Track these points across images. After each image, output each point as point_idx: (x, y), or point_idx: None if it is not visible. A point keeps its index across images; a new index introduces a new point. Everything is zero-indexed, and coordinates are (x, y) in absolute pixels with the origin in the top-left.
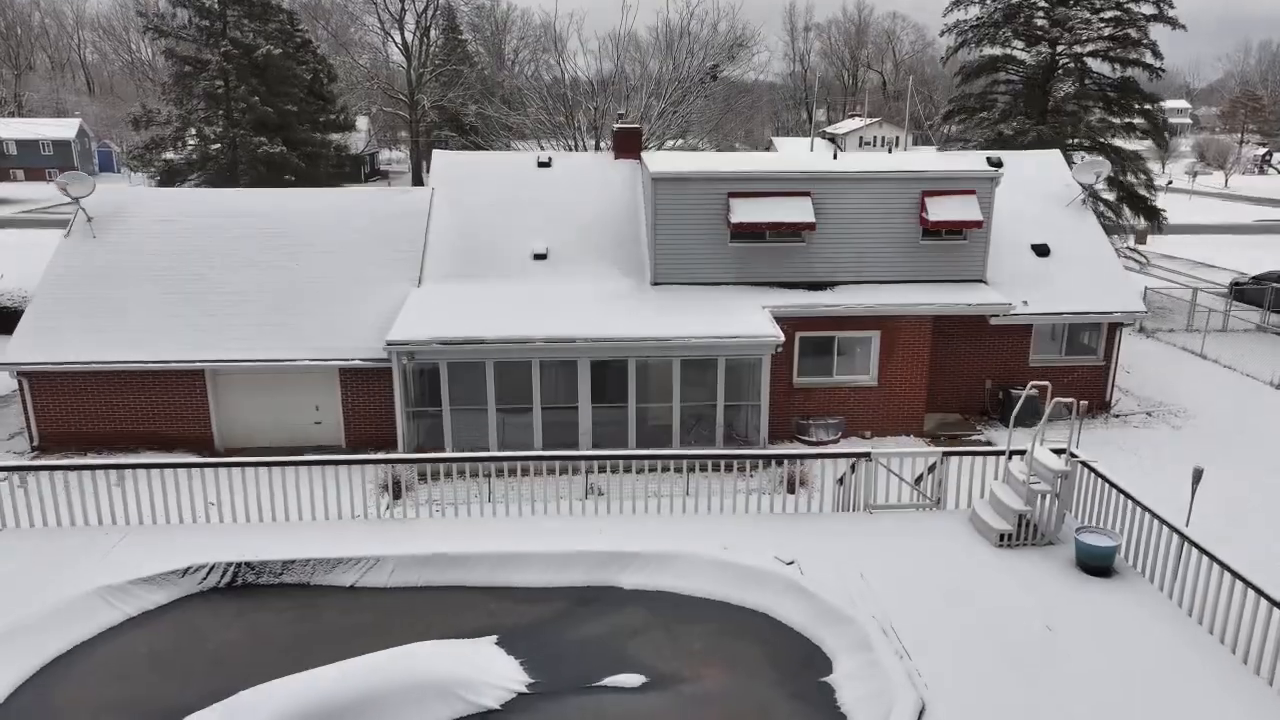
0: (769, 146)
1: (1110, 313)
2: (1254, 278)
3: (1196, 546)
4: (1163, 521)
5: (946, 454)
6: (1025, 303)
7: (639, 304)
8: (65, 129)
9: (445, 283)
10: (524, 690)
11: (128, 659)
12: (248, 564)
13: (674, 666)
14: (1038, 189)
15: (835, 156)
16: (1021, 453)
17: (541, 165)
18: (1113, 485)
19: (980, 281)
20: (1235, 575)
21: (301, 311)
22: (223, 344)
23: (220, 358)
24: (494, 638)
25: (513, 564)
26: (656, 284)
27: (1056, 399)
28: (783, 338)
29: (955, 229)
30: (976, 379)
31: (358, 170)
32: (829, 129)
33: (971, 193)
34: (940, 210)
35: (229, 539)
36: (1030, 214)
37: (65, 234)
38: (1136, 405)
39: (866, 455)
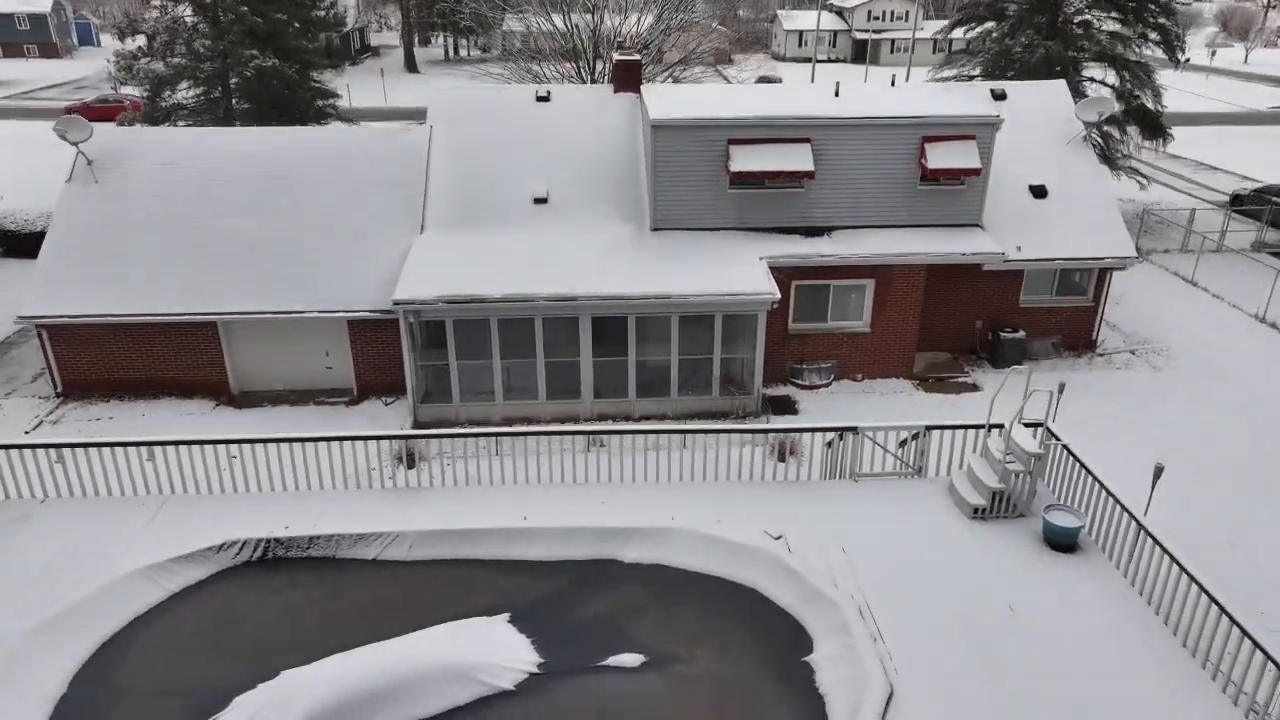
0: (773, 20)
1: (1101, 258)
2: (1255, 191)
3: (1149, 534)
4: (1122, 507)
5: (929, 428)
6: (1019, 248)
7: (638, 255)
8: (40, 2)
9: (447, 230)
10: (535, 670)
11: (175, 638)
12: (277, 540)
13: (670, 646)
14: (1040, 123)
15: (837, 93)
16: (1001, 426)
17: (540, 100)
18: (1082, 465)
19: (977, 225)
20: (1176, 563)
21: (308, 261)
22: (233, 296)
23: (231, 310)
24: (506, 615)
25: (521, 539)
26: (656, 229)
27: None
28: (779, 295)
29: (954, 176)
30: (968, 319)
31: (347, 48)
32: (835, 1)
33: (972, 138)
34: (940, 158)
35: (256, 510)
36: (1030, 150)
37: (67, 179)
38: (1122, 342)
39: (854, 429)
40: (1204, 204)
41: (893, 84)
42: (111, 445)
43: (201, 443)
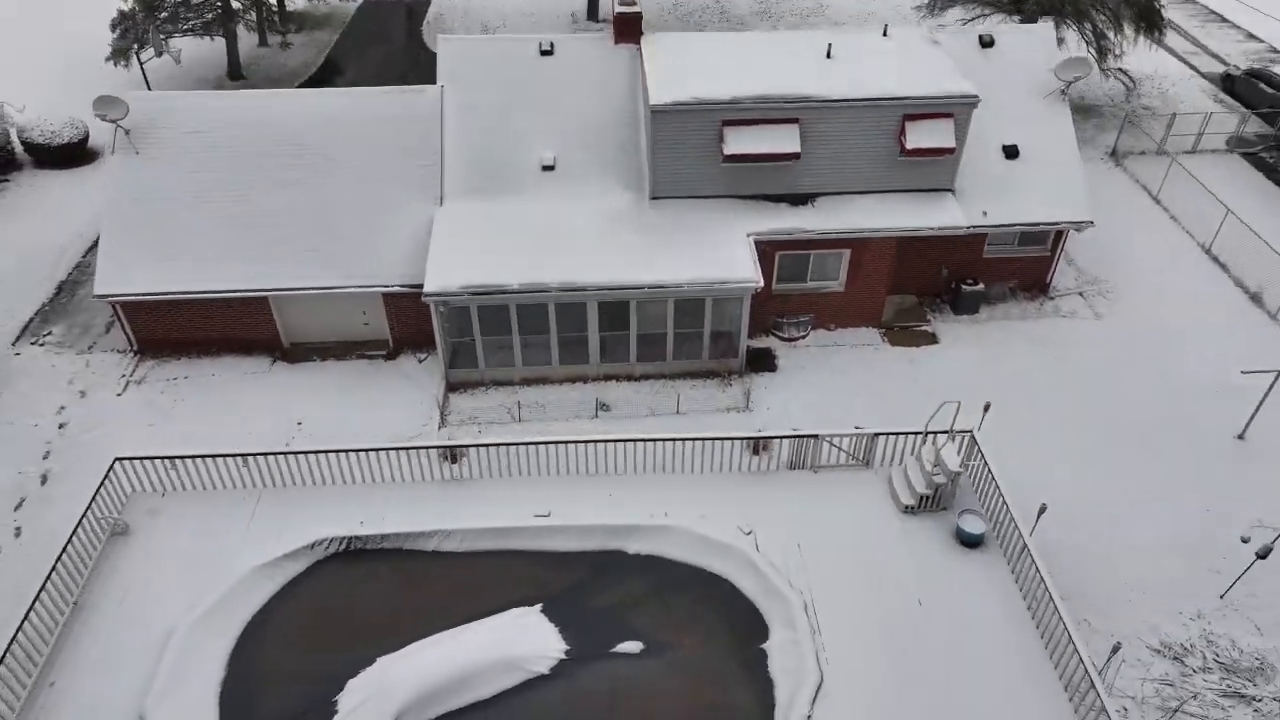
0: None
1: (1058, 223)
2: (1246, 73)
3: (1027, 546)
4: (1013, 519)
5: (876, 434)
6: (985, 213)
7: (639, 232)
8: None
9: (464, 200)
10: (563, 657)
11: (291, 627)
12: (357, 537)
13: (664, 635)
14: (1022, 75)
15: (829, 55)
16: (942, 432)
17: (544, 53)
18: (993, 476)
19: (949, 191)
20: (1039, 570)
21: (340, 235)
22: (277, 272)
23: (280, 286)
24: (539, 606)
25: (546, 535)
26: (655, 198)
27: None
28: (761, 283)
29: (931, 154)
30: (935, 265)
31: None
32: None
33: (950, 116)
34: (918, 138)
35: (334, 505)
36: (1009, 104)
37: (110, 151)
38: (1074, 281)
39: (815, 436)
40: (1196, 80)
41: (885, 34)
42: (215, 456)
43: (285, 453)
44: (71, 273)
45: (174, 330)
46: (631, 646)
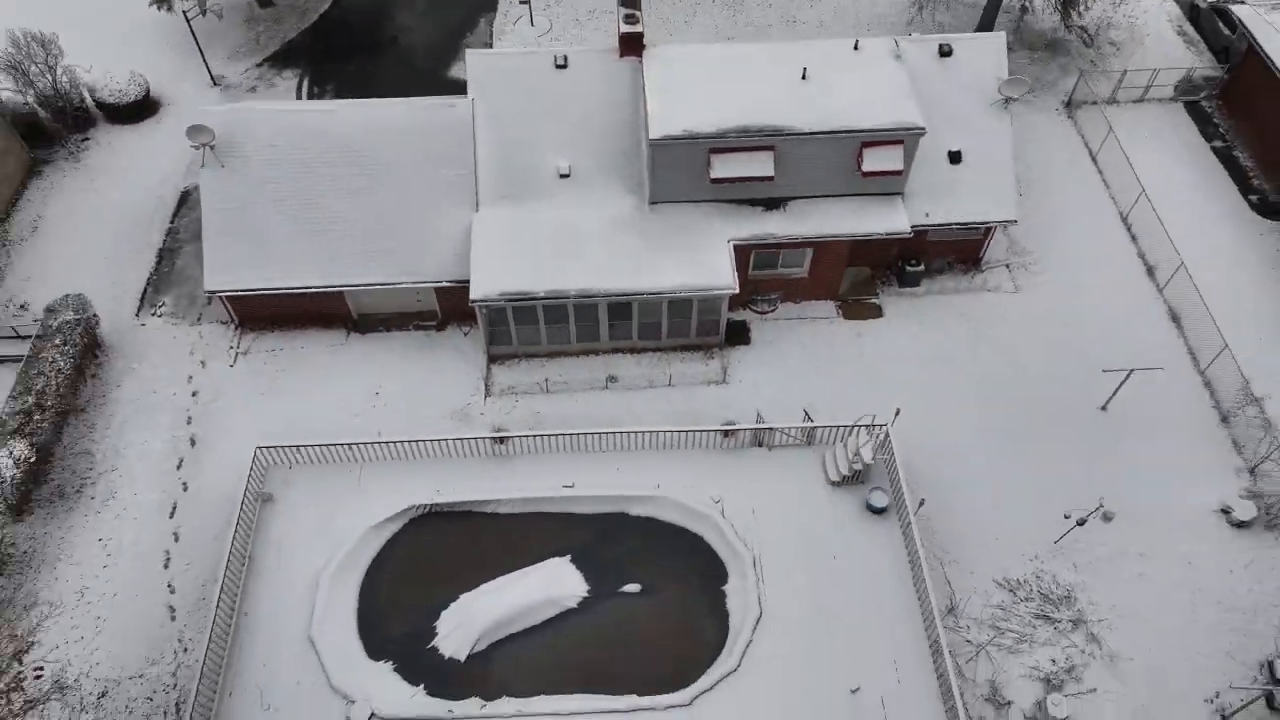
0: None
1: (989, 222)
2: (1211, 5)
3: (910, 523)
4: (907, 499)
5: (814, 428)
6: (927, 215)
7: (641, 237)
8: None
9: (496, 206)
10: (585, 595)
11: (398, 572)
12: (436, 504)
13: (655, 579)
14: (973, 83)
15: (804, 77)
16: (865, 426)
17: (559, 67)
18: (896, 466)
19: (899, 195)
20: (916, 543)
21: (396, 236)
22: (348, 269)
23: (351, 282)
24: (569, 556)
25: (571, 502)
26: (654, 203)
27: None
28: (737, 288)
29: (883, 175)
30: (887, 245)
31: None
32: None
33: (900, 143)
34: (873, 162)
35: (417, 475)
36: (958, 114)
37: (201, 165)
38: (1004, 251)
39: (766, 426)
40: (1168, 5)
41: (855, 48)
42: (325, 445)
43: (380, 442)
44: (165, 239)
45: (266, 309)
46: (633, 588)
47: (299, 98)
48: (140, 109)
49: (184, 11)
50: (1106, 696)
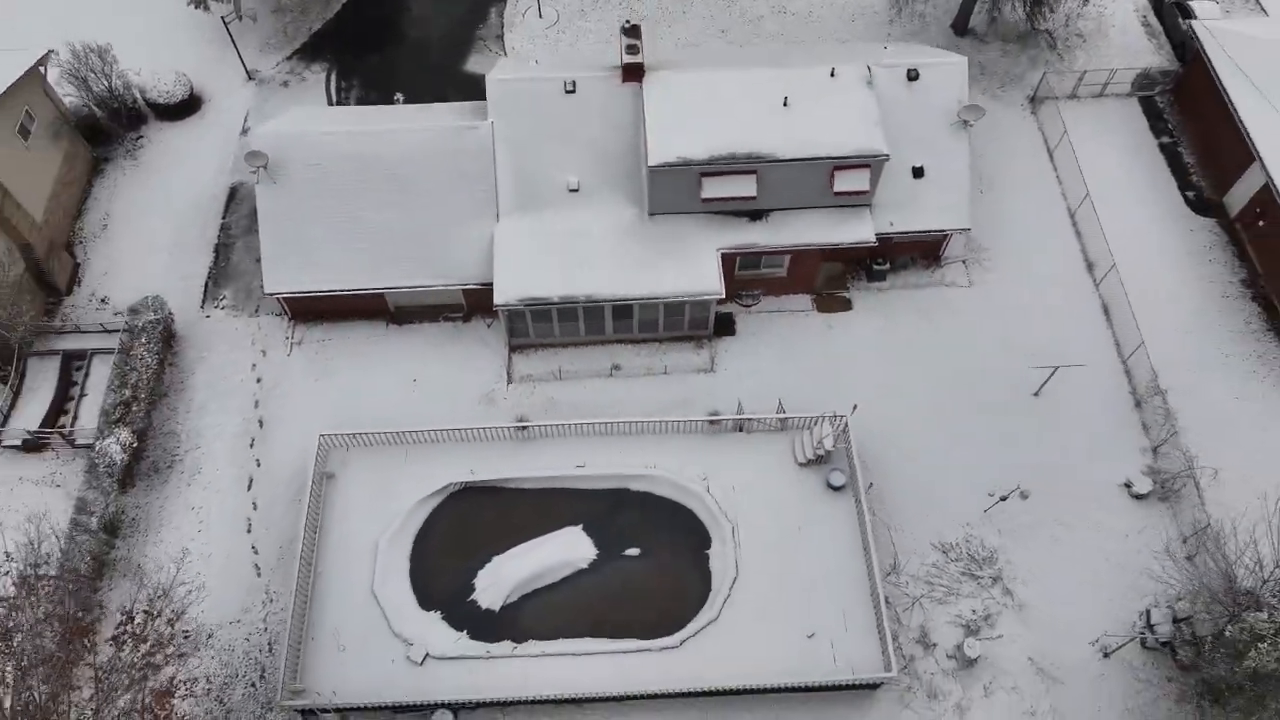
0: None
1: (945, 230)
2: None
3: (862, 499)
4: (857, 478)
5: (784, 419)
6: (891, 224)
7: (640, 245)
8: None
9: (514, 217)
10: (594, 557)
11: (441, 538)
12: (470, 482)
13: (652, 545)
14: (937, 104)
15: (785, 104)
16: (827, 417)
17: (568, 92)
18: (853, 451)
19: (867, 207)
20: (865, 513)
21: (428, 245)
22: (387, 273)
23: (390, 285)
24: (581, 525)
25: (582, 479)
26: (652, 214)
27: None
28: (724, 293)
29: (851, 195)
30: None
31: None
32: None
33: (867, 167)
34: (843, 183)
35: (452, 456)
36: (921, 132)
37: (257, 181)
38: (962, 248)
39: (746, 417)
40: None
41: (832, 75)
42: (376, 432)
43: (422, 430)
44: (220, 235)
45: (316, 305)
46: (633, 551)
47: (328, 92)
48: (186, 107)
49: (222, 18)
50: (1013, 640)
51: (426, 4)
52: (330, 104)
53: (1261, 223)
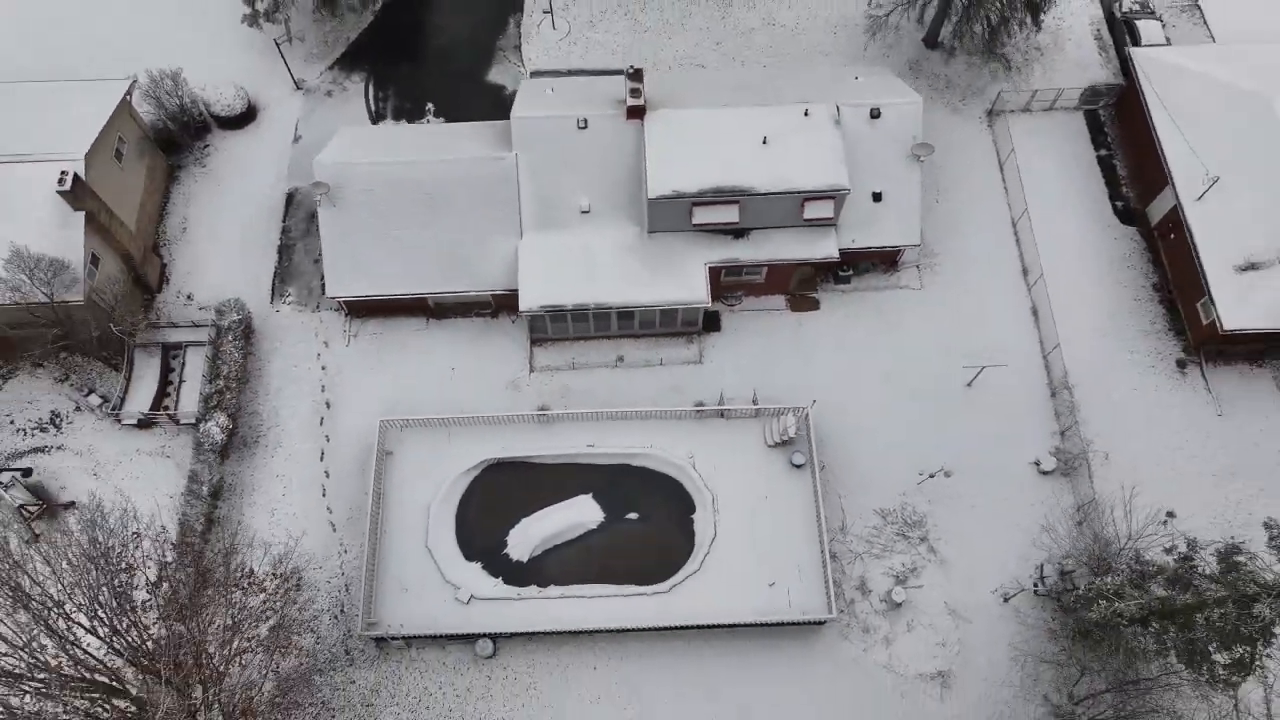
0: None
1: (899, 246)
2: (1124, 15)
3: (815, 476)
4: (813, 457)
5: (761, 411)
6: (854, 241)
7: (641, 260)
8: None
9: (535, 234)
10: (602, 519)
11: (479, 503)
12: (502, 458)
13: (648, 509)
14: (895, 139)
15: (765, 142)
16: (790, 410)
17: (581, 127)
18: (812, 436)
19: (833, 227)
20: (815, 484)
21: (462, 256)
22: (427, 281)
23: (432, 290)
24: (590, 494)
25: (592, 456)
26: (651, 233)
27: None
28: (710, 303)
29: (818, 220)
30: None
31: None
32: None
33: (832, 198)
34: (811, 211)
35: (486, 435)
36: (880, 163)
37: (319, 205)
38: (917, 252)
39: (726, 408)
40: (1092, 8)
41: (806, 114)
42: (423, 420)
43: (460, 417)
44: (281, 237)
45: (369, 304)
46: (633, 516)
47: (366, 101)
48: (244, 117)
49: (275, 40)
50: (932, 587)
51: (450, 15)
52: (369, 111)
53: (1172, 236)
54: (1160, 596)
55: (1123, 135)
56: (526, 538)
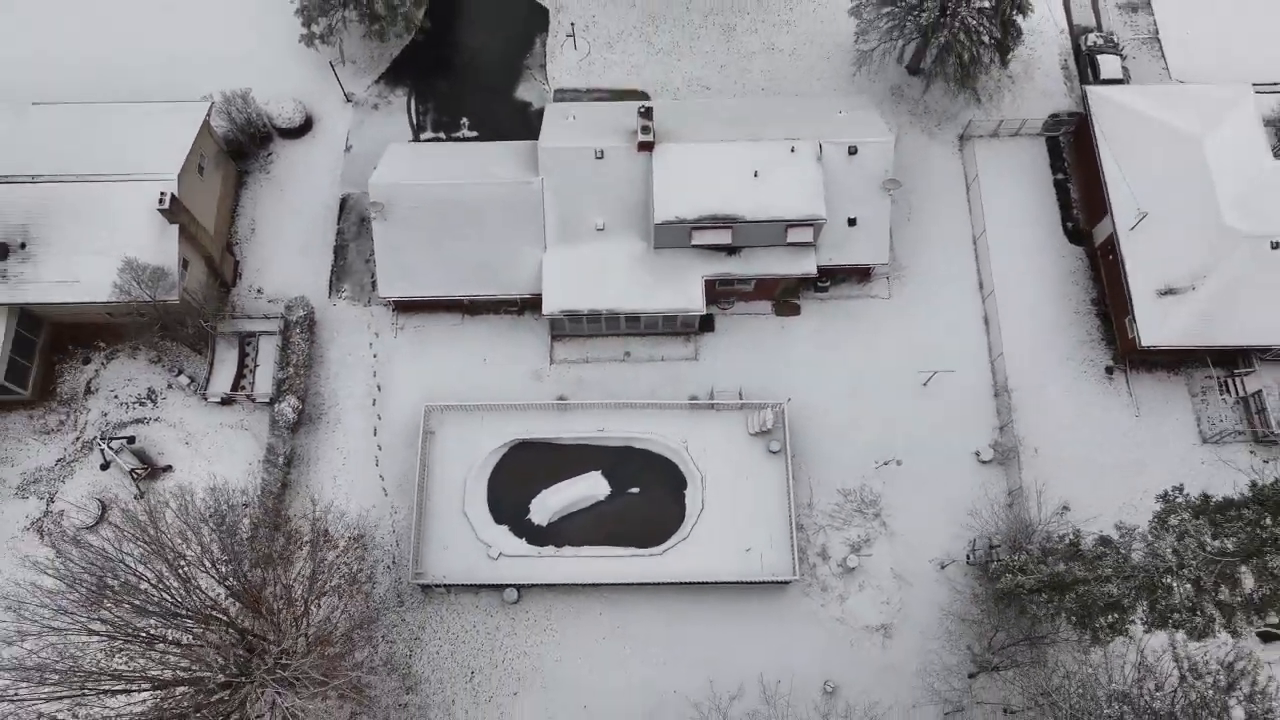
0: None
1: (870, 264)
2: (1089, 47)
3: (786, 460)
4: (788, 444)
5: (745, 405)
6: (830, 259)
7: (648, 272)
8: None
9: (557, 248)
10: (609, 492)
11: (508, 474)
12: (525, 438)
13: (650, 486)
14: (869, 173)
15: (756, 175)
16: (774, 404)
17: (598, 158)
18: (786, 425)
19: (813, 247)
20: (788, 467)
21: (494, 265)
22: (464, 285)
23: (468, 294)
24: (599, 471)
25: (602, 439)
26: (656, 249)
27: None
28: (704, 310)
29: (799, 244)
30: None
31: None
32: None
33: (811, 225)
34: (793, 236)
35: (513, 418)
36: (856, 193)
37: (373, 220)
38: (888, 266)
39: (715, 403)
40: (1063, 39)
41: (792, 151)
42: (459, 405)
43: (493, 404)
44: (336, 239)
45: (413, 302)
46: (634, 490)
47: (409, 114)
48: (302, 128)
49: (330, 62)
50: (881, 556)
51: (481, 34)
52: (411, 124)
53: (1110, 258)
54: (1052, 572)
55: (1077, 162)
56: (546, 506)
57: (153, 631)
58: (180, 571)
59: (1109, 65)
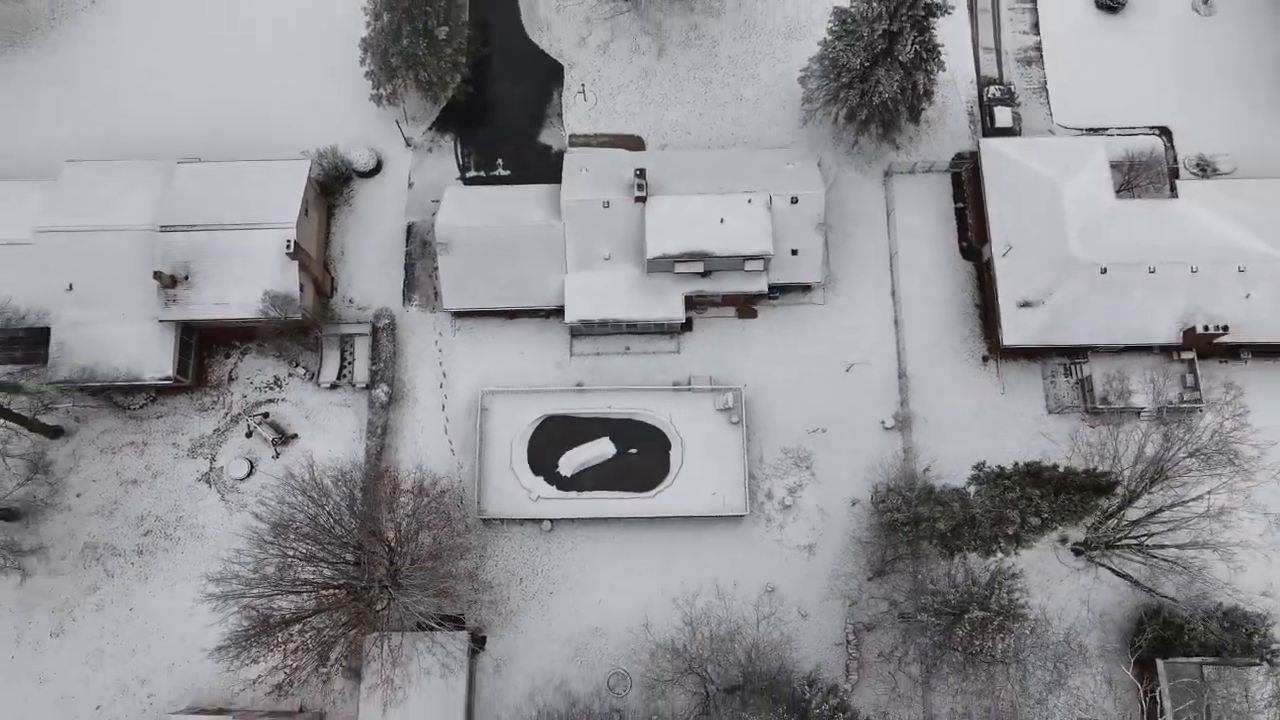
0: None
1: (809, 283)
2: (991, 97)
3: (745, 431)
4: (746, 420)
5: (714, 388)
6: (779, 279)
7: (643, 292)
8: None
9: (576, 273)
10: (615, 452)
11: (539, 441)
12: (554, 414)
13: (644, 447)
14: (807, 215)
15: (722, 221)
16: (735, 388)
17: (605, 207)
18: (744, 405)
19: (765, 272)
20: (744, 433)
21: (530, 285)
22: (506, 298)
23: (510, 307)
24: (608, 436)
25: (610, 414)
26: (649, 274)
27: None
28: (684, 318)
29: (756, 271)
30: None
31: None
32: None
33: (762, 259)
34: (750, 265)
35: (543, 398)
36: (797, 232)
37: (440, 254)
38: (821, 281)
39: (692, 387)
40: (973, 87)
41: (749, 202)
42: (505, 389)
43: (527, 389)
44: (406, 258)
45: (469, 312)
46: (634, 451)
47: (456, 157)
48: (375, 170)
49: (396, 120)
50: (810, 497)
51: (510, 87)
52: (458, 164)
53: (989, 274)
54: (914, 511)
55: (972, 193)
56: (570, 462)
57: (316, 554)
58: (327, 511)
59: (1003, 115)
